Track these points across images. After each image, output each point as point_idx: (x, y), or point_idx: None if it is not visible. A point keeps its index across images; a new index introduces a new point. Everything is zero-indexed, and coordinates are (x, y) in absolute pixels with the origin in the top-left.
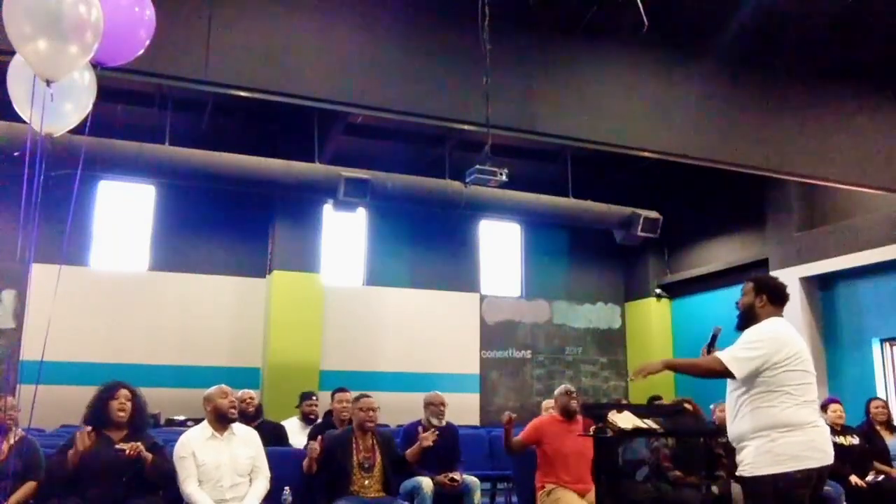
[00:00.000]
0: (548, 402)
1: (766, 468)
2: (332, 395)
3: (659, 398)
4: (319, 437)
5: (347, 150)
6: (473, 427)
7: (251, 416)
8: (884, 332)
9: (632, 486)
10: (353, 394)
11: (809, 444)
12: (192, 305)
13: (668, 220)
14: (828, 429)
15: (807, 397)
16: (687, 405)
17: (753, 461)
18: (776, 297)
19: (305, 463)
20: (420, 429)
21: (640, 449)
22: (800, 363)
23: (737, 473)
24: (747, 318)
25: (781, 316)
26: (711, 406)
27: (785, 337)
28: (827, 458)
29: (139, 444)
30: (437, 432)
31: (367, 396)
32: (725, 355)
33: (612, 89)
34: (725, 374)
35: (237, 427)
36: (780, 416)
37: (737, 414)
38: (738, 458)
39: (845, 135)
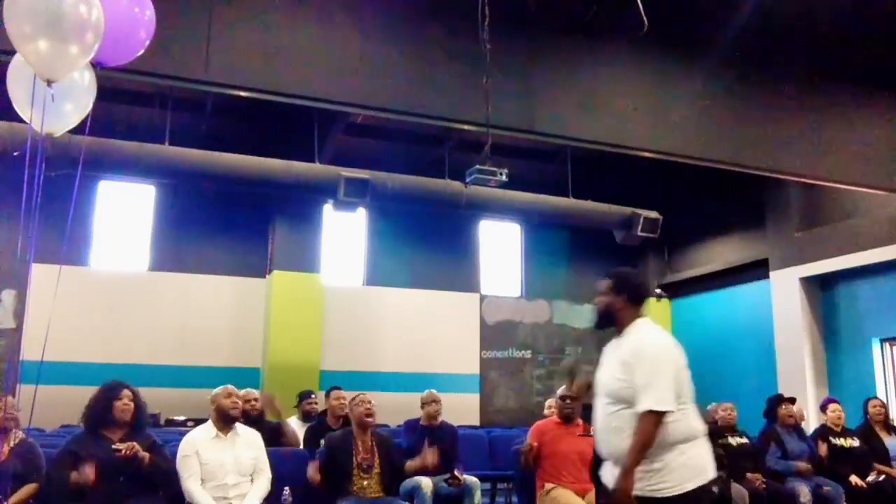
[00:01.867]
0: (550, 401)
1: (688, 483)
2: (327, 393)
3: None
4: (318, 455)
5: (347, 150)
6: (473, 427)
7: (254, 419)
8: (884, 332)
9: None
10: (349, 393)
11: (708, 455)
12: (192, 305)
13: (668, 220)
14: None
15: (691, 403)
16: None
17: (672, 478)
18: (636, 295)
19: (310, 473)
20: (425, 442)
21: None
22: (683, 369)
23: (650, 495)
24: (606, 319)
25: (643, 315)
26: (710, 406)
27: (670, 344)
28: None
29: (135, 444)
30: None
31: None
32: (651, 403)
33: (612, 89)
34: (662, 418)
35: (241, 428)
36: (683, 428)
37: (633, 431)
38: (649, 476)
39: (845, 135)
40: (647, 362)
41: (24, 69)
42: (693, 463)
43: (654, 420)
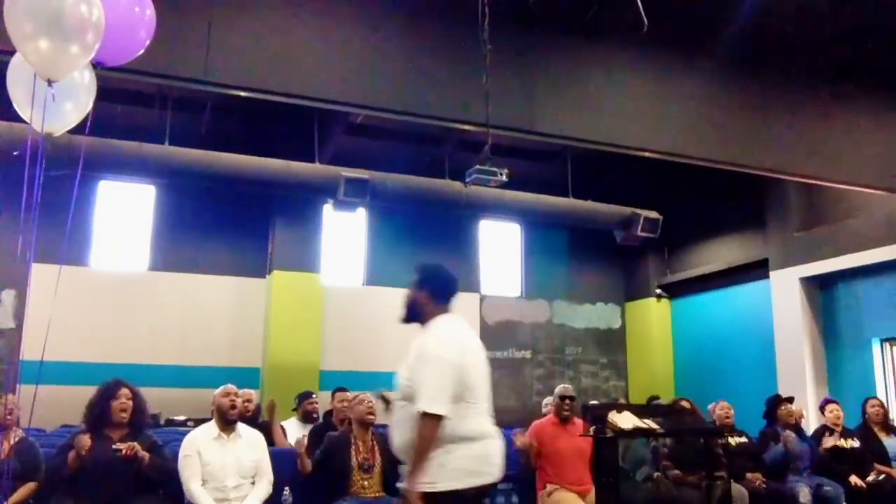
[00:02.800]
0: (548, 399)
1: (441, 483)
2: (333, 394)
3: (657, 398)
4: (304, 435)
5: (347, 150)
6: None
7: (249, 418)
8: (884, 332)
9: (632, 486)
10: (353, 394)
11: (486, 459)
12: (192, 305)
13: (668, 220)
14: (502, 442)
15: (482, 405)
16: (684, 404)
17: (432, 475)
18: (439, 291)
19: (299, 462)
20: None
21: (640, 449)
22: (474, 369)
23: (401, 486)
24: (412, 314)
25: (448, 311)
26: (710, 406)
27: (461, 342)
28: (498, 473)
29: (135, 444)
30: None
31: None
32: (424, 404)
33: (612, 89)
34: (438, 421)
35: (243, 429)
36: (461, 428)
37: (411, 428)
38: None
39: (845, 135)
40: (426, 363)
41: (24, 68)
42: (457, 465)
43: (429, 422)
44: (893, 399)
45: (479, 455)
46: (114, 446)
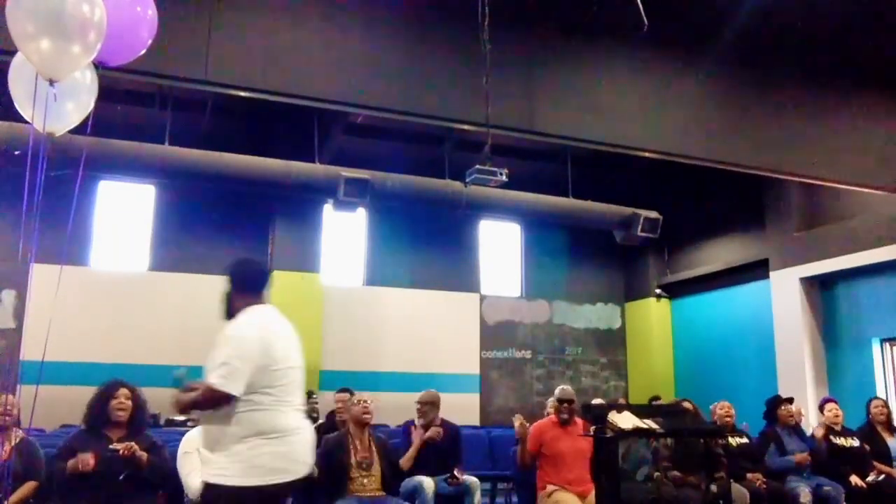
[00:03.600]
0: (551, 400)
1: (238, 478)
2: (336, 394)
3: (658, 398)
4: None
5: (347, 150)
6: (473, 427)
7: None
8: (884, 332)
9: (632, 486)
10: (357, 394)
11: (289, 455)
12: (192, 305)
13: (668, 220)
14: (311, 437)
15: (291, 398)
16: (687, 405)
17: (225, 468)
18: (248, 284)
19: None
20: (412, 428)
21: (640, 449)
22: (284, 360)
23: (208, 479)
24: (228, 311)
25: (262, 303)
26: (711, 406)
27: (267, 331)
28: (305, 469)
29: (132, 444)
30: (439, 431)
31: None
32: (215, 377)
33: (612, 89)
34: (225, 398)
35: None
36: (265, 421)
37: (213, 416)
38: (213, 463)
39: (845, 135)
40: (228, 342)
41: (25, 68)
42: (260, 462)
43: (213, 395)
44: (894, 399)
45: (282, 452)
46: (111, 446)
